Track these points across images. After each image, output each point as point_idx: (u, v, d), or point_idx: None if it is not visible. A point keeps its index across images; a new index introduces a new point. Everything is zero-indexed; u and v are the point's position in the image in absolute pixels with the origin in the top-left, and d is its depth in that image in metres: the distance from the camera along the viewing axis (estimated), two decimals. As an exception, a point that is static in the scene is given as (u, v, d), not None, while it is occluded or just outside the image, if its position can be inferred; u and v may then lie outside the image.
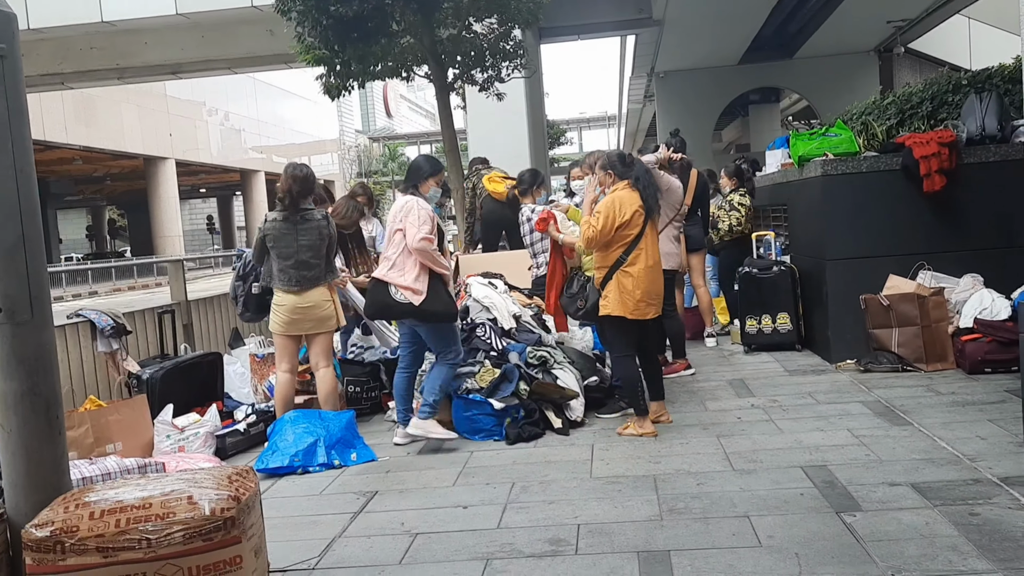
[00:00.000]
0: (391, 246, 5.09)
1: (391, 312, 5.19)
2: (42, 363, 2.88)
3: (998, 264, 6.13)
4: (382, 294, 5.01)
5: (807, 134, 7.10)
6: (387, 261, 5.07)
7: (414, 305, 4.93)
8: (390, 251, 5.08)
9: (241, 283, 6.13)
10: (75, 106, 32.10)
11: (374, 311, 5.27)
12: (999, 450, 4.16)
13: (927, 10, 19.64)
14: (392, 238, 5.09)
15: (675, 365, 6.56)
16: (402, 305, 4.96)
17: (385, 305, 5.06)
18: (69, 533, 2.56)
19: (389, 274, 5.01)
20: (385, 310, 5.17)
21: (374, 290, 5.09)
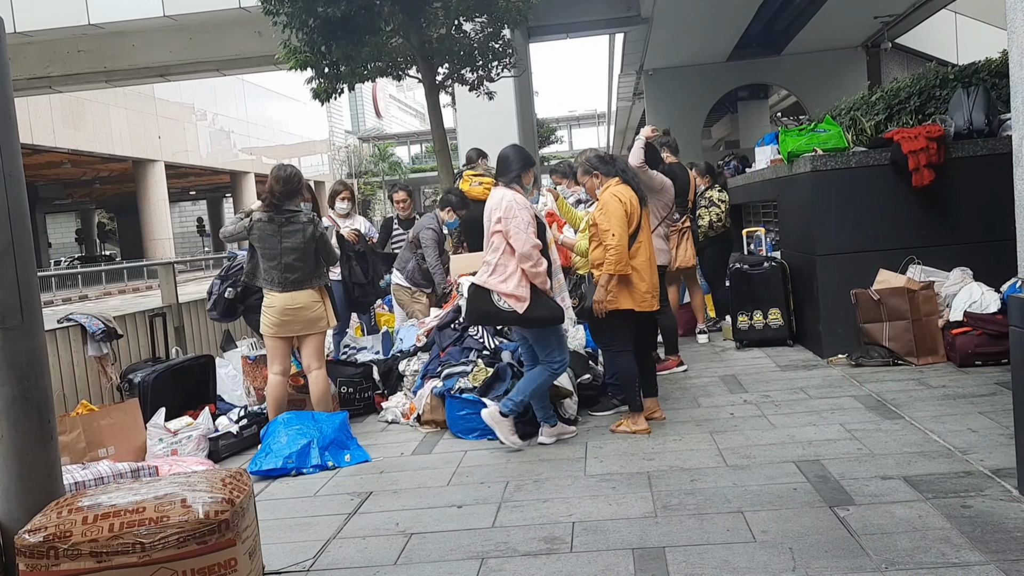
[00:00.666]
0: (488, 249, 4.86)
1: (493, 320, 4.99)
2: (33, 368, 2.87)
3: (987, 257, 6.16)
4: (484, 301, 4.77)
5: (796, 130, 7.12)
6: (487, 265, 4.81)
7: (518, 313, 4.73)
8: (489, 255, 4.83)
9: (219, 283, 6.16)
10: (63, 109, 31.94)
11: (475, 318, 5.04)
12: (990, 442, 4.19)
13: (914, 5, 19.72)
14: (490, 240, 4.84)
15: (667, 362, 6.57)
16: (505, 313, 4.75)
17: (487, 313, 4.83)
18: (62, 538, 2.56)
19: (490, 280, 4.78)
20: (487, 318, 4.95)
21: (475, 296, 4.84)
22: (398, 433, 5.57)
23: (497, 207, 4.81)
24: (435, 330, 6.38)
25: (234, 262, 6.22)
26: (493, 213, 4.82)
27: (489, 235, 4.83)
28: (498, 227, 4.77)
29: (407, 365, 6.35)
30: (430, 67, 11.77)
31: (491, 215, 4.83)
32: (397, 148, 65.18)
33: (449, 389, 5.38)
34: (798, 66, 23.85)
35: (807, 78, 23.84)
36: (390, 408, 5.94)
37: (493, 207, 4.84)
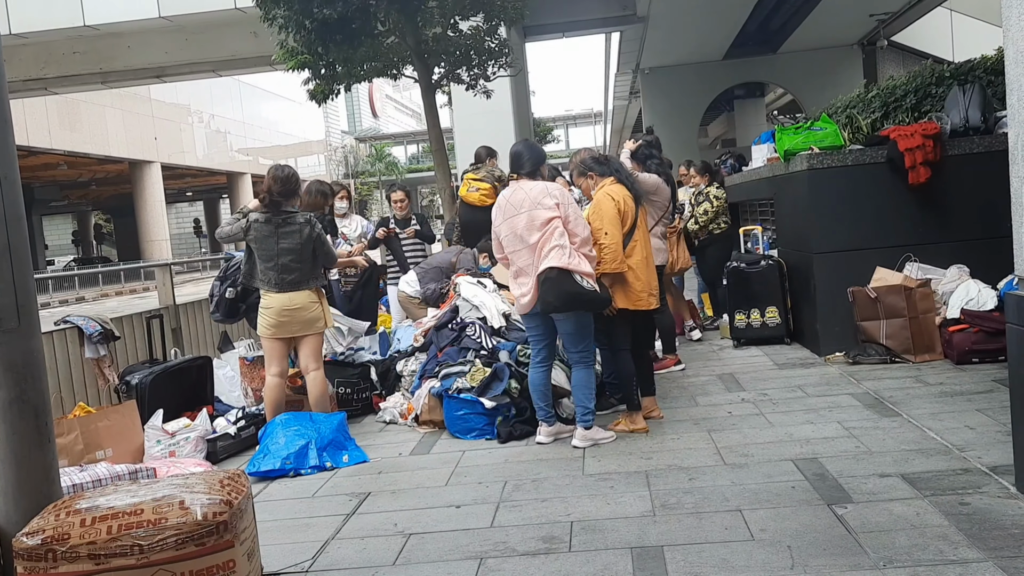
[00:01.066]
0: (553, 235, 4.69)
1: (578, 302, 4.71)
2: (30, 370, 2.86)
3: (984, 255, 6.17)
4: (571, 284, 4.62)
5: (792, 128, 7.12)
6: (560, 249, 4.66)
7: (597, 292, 4.70)
8: (557, 239, 4.68)
9: (219, 283, 6.16)
10: (59, 111, 31.91)
11: (562, 303, 4.69)
12: (988, 439, 4.19)
13: (909, 3, 19.74)
14: (547, 224, 4.70)
15: (665, 361, 6.57)
16: (590, 294, 4.65)
17: (574, 295, 4.64)
18: (60, 541, 2.55)
19: (571, 262, 4.64)
20: (573, 300, 4.68)
21: (559, 280, 4.62)
22: (396, 433, 5.57)
23: (547, 194, 4.77)
24: (432, 330, 6.38)
25: (232, 262, 6.21)
26: (543, 200, 4.74)
27: (542, 223, 4.71)
28: (556, 212, 4.71)
29: (405, 365, 6.34)
30: (426, 67, 11.77)
31: (539, 202, 4.74)
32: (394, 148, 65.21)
33: (447, 389, 5.38)
34: (794, 64, 23.88)
35: (803, 76, 23.87)
36: (388, 408, 5.94)
37: (541, 193, 4.77)
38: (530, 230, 4.75)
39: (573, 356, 4.96)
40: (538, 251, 4.72)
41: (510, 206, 4.87)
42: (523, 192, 4.84)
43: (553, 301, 4.67)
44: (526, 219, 4.77)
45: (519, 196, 4.85)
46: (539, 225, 4.73)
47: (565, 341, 4.99)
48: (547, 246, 4.69)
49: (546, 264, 4.66)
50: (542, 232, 4.72)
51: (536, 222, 4.74)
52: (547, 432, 4.96)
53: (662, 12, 18.30)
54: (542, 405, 4.98)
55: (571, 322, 4.83)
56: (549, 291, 4.65)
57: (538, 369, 5.01)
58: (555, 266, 4.64)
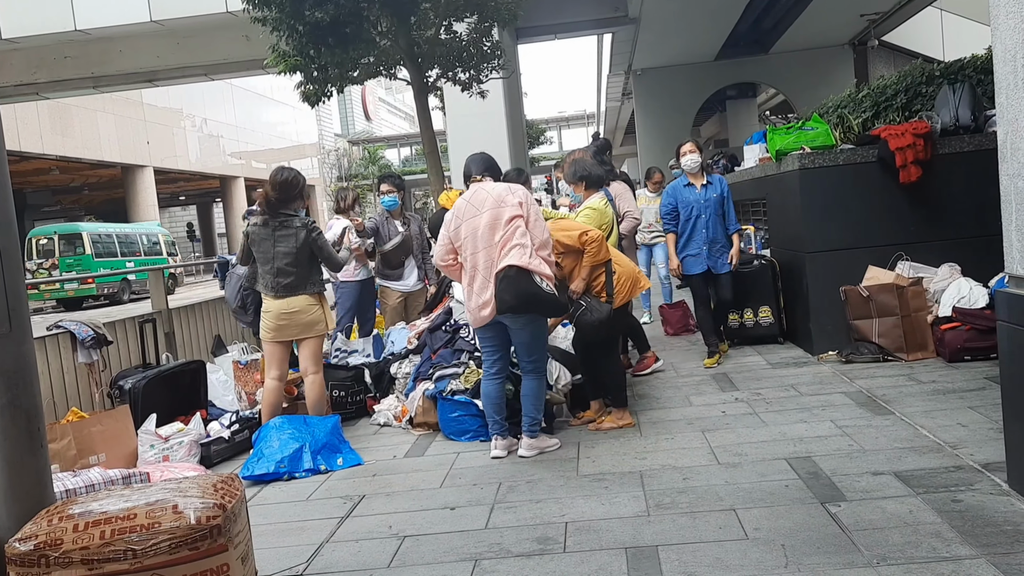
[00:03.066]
0: (515, 234, 4.58)
1: (536, 304, 4.55)
2: (22, 375, 2.85)
3: (975, 253, 6.19)
4: (528, 283, 4.48)
5: (784, 128, 7.14)
6: (521, 248, 4.54)
7: (556, 296, 4.58)
8: (518, 238, 4.57)
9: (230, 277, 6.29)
10: (51, 116, 31.79)
11: (519, 303, 4.51)
12: (980, 437, 4.21)
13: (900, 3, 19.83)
14: (510, 223, 4.60)
15: (645, 361, 6.58)
16: (547, 296, 4.51)
17: (532, 296, 4.49)
18: (53, 546, 2.54)
19: (531, 262, 4.52)
20: (531, 301, 4.52)
21: (518, 279, 4.48)
22: (390, 436, 5.57)
23: (510, 193, 4.71)
24: (426, 332, 6.38)
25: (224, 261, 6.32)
26: (506, 198, 4.67)
27: (505, 221, 4.61)
28: (519, 211, 4.63)
29: (399, 368, 6.34)
30: (419, 69, 11.77)
31: (503, 200, 4.67)
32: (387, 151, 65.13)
33: (441, 391, 5.38)
34: (786, 64, 23.97)
35: (795, 76, 23.96)
36: (382, 411, 5.94)
37: (504, 193, 4.70)
38: (493, 229, 4.64)
39: (526, 366, 4.82)
40: (499, 249, 4.61)
41: (470, 207, 4.75)
42: (485, 192, 4.76)
43: (510, 300, 4.51)
44: (489, 217, 4.66)
45: (480, 196, 4.75)
46: (503, 223, 4.62)
47: (519, 350, 4.84)
48: (508, 244, 4.58)
49: (505, 262, 4.54)
50: (504, 231, 4.61)
51: (500, 220, 4.63)
52: (502, 445, 4.83)
53: (654, 13, 18.34)
54: (496, 418, 4.85)
55: (527, 331, 4.72)
56: (507, 289, 4.50)
57: (493, 381, 4.87)
58: (515, 264, 4.52)
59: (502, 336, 4.81)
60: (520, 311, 4.59)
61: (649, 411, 5.43)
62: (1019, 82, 3.20)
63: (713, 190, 6.71)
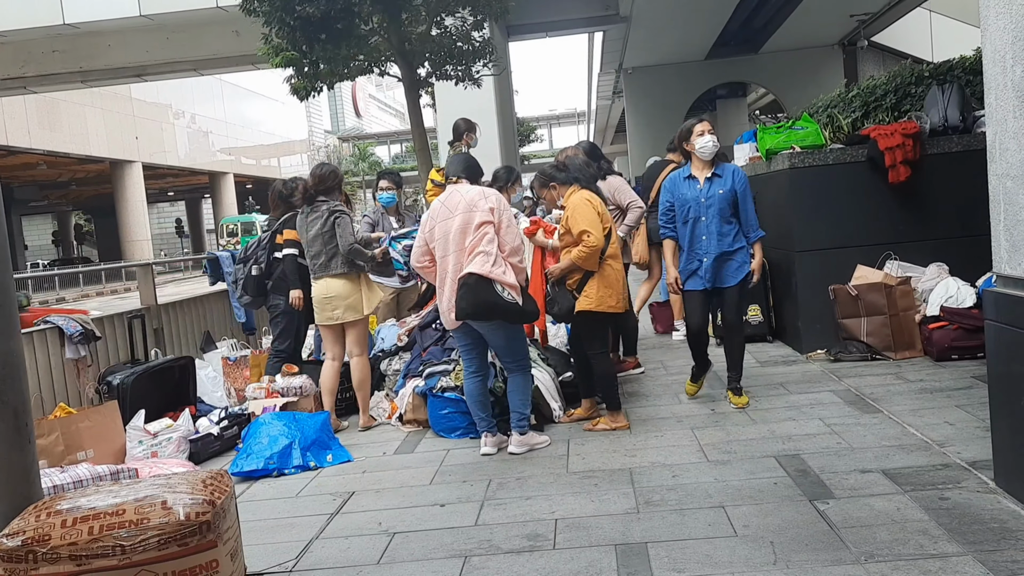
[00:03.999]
0: (482, 240, 4.58)
1: (496, 312, 4.55)
2: (9, 371, 2.84)
3: (963, 252, 6.22)
4: (488, 292, 4.48)
5: (774, 128, 7.16)
6: (485, 256, 4.54)
7: (519, 305, 4.57)
8: (484, 245, 4.57)
9: (242, 266, 6.40)
10: (38, 110, 31.61)
11: (476, 311, 4.53)
12: (967, 435, 4.24)
13: (889, 3, 19.93)
14: (479, 229, 4.60)
15: (625, 363, 6.56)
16: (508, 304, 4.51)
17: (491, 305, 4.50)
18: (41, 542, 2.53)
19: (494, 270, 4.52)
20: (490, 310, 4.53)
21: (477, 287, 4.48)
22: (380, 433, 5.56)
23: (483, 197, 4.70)
24: (416, 330, 6.38)
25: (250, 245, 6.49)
26: (479, 203, 4.65)
27: (475, 226, 4.60)
28: (490, 218, 4.62)
29: (388, 365, 6.33)
30: (410, 66, 11.76)
31: (475, 205, 4.65)
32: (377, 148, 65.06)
33: (431, 388, 5.37)
34: (776, 64, 24.06)
35: (785, 76, 24.05)
36: (372, 407, 5.92)
37: (477, 198, 4.69)
38: (464, 233, 4.64)
39: (508, 365, 4.83)
40: (467, 254, 4.61)
41: (444, 209, 4.75)
42: (459, 195, 4.75)
43: (467, 308, 4.52)
44: (460, 221, 4.66)
45: (455, 199, 4.75)
46: (473, 228, 4.61)
47: (497, 352, 4.87)
48: (475, 251, 4.58)
49: (467, 269, 4.54)
50: (474, 236, 4.61)
51: (470, 225, 4.63)
52: (492, 442, 4.82)
53: (645, 12, 18.37)
54: (482, 415, 4.85)
55: (499, 335, 4.71)
56: (464, 297, 4.51)
57: (473, 380, 4.87)
58: (475, 272, 4.52)
59: (474, 336, 4.80)
60: (478, 319, 4.62)
61: (639, 409, 5.44)
62: (1008, 83, 3.22)
63: (720, 184, 5.20)
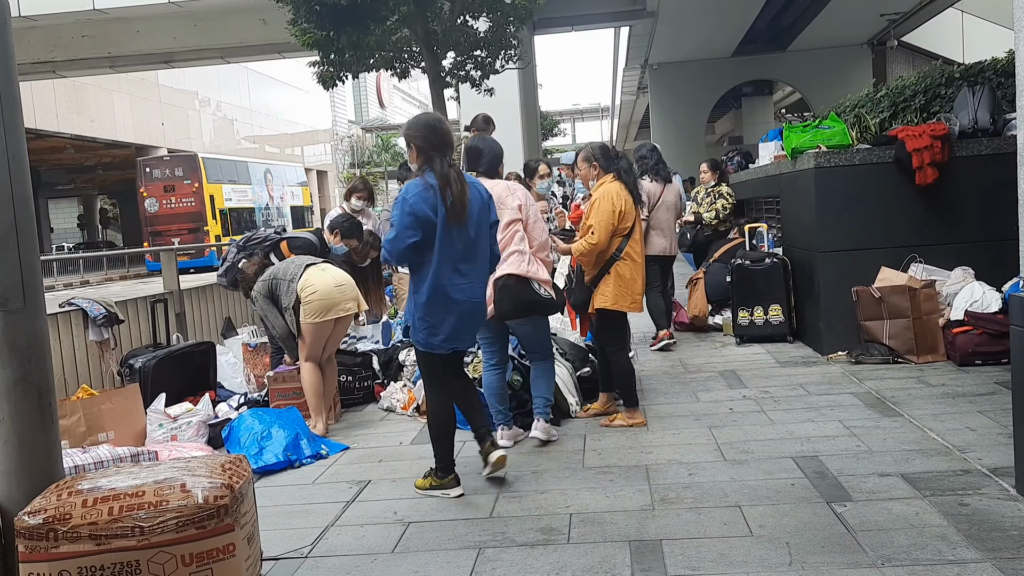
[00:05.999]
0: (513, 239, 4.55)
1: (536, 310, 4.61)
2: (35, 351, 2.87)
3: (989, 257, 6.15)
4: (526, 291, 4.49)
5: (800, 126, 7.11)
6: (520, 255, 4.54)
7: (553, 299, 4.60)
8: (516, 244, 4.56)
9: (235, 251, 6.44)
10: (67, 95, 31.91)
11: (517, 311, 4.54)
12: (989, 441, 4.19)
13: (920, 3, 19.70)
14: (509, 227, 4.55)
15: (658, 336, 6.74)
16: (545, 300, 4.54)
17: (530, 303, 4.51)
18: (62, 520, 2.56)
19: (530, 269, 4.53)
20: (531, 308, 4.56)
21: (517, 288, 4.48)
22: (397, 423, 5.58)
23: (510, 193, 4.65)
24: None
25: (253, 236, 6.38)
26: (506, 200, 4.59)
27: (504, 224, 4.49)
28: (518, 215, 4.59)
29: (407, 355, 6.35)
30: (435, 58, 11.77)
31: (503, 202, 4.55)
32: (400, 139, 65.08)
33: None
34: (803, 63, 23.85)
35: (812, 75, 23.83)
36: (386, 396, 5.95)
37: (504, 192, 4.61)
38: None
39: (535, 355, 4.85)
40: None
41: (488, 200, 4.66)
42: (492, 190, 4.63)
43: (509, 310, 4.52)
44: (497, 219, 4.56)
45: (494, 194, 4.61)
46: (501, 227, 4.50)
47: (523, 342, 4.87)
48: (507, 250, 4.52)
49: (504, 270, 4.49)
50: (503, 234, 4.53)
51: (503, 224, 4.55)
52: (507, 436, 4.80)
53: (672, 8, 18.26)
54: (500, 408, 4.83)
55: (529, 328, 4.75)
56: (505, 299, 4.47)
57: (494, 372, 4.83)
58: (513, 273, 4.50)
59: (499, 329, 4.80)
60: (518, 318, 4.64)
61: (656, 406, 5.43)
62: (1041, 85, 3.18)
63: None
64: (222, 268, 6.39)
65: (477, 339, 4.94)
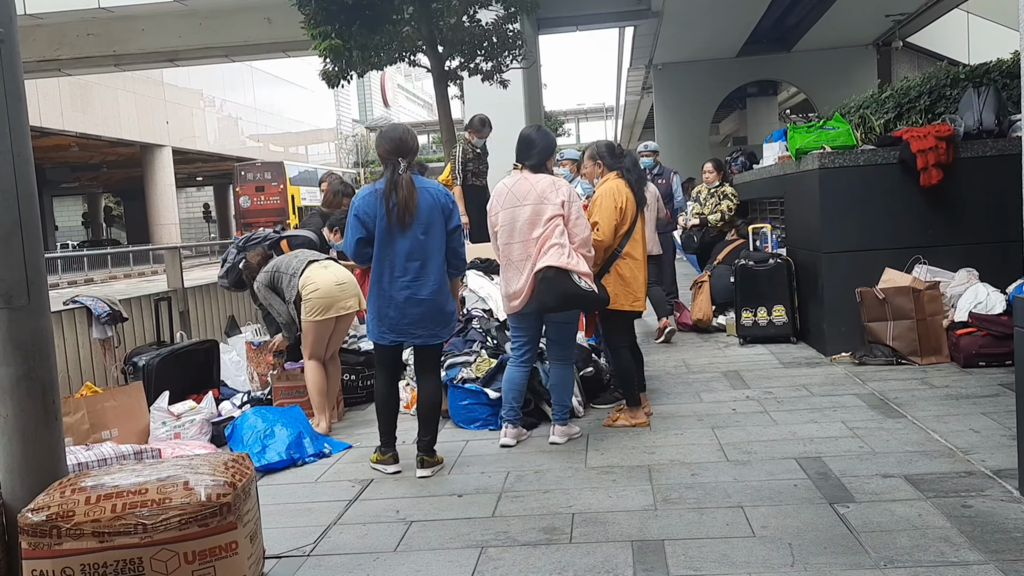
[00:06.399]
0: (554, 233, 4.55)
1: (577, 303, 4.60)
2: (38, 348, 2.88)
3: (993, 258, 6.14)
4: (567, 283, 4.47)
5: (805, 127, 7.10)
6: (560, 248, 4.52)
7: (595, 292, 4.58)
8: (557, 237, 4.55)
9: (235, 251, 6.45)
10: (72, 93, 31.97)
11: (559, 303, 4.53)
12: (992, 443, 4.18)
13: (925, 4, 19.66)
14: (550, 222, 4.55)
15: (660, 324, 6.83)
16: (586, 293, 4.51)
17: (571, 295, 4.49)
18: (65, 518, 2.57)
19: (570, 261, 4.51)
20: (573, 301, 4.55)
21: (557, 279, 4.47)
22: (400, 422, 5.53)
23: (554, 189, 4.64)
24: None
25: (252, 236, 6.41)
26: (550, 196, 4.59)
27: (546, 219, 4.55)
28: (560, 211, 4.58)
29: (409, 354, 6.34)
30: (439, 57, 11.77)
31: (546, 197, 4.59)
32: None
33: (452, 379, 5.39)
34: (808, 63, 23.82)
35: (817, 75, 23.80)
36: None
37: (548, 190, 4.61)
38: (533, 225, 4.60)
39: (556, 353, 4.86)
40: (538, 247, 4.59)
41: (512, 196, 4.69)
42: (528, 184, 4.68)
43: (550, 302, 4.52)
44: (530, 212, 4.61)
45: (523, 187, 4.68)
46: (543, 221, 4.57)
47: (552, 337, 4.87)
48: (547, 244, 4.55)
49: (544, 262, 4.51)
50: (544, 228, 4.57)
51: (541, 217, 4.59)
52: (512, 434, 4.82)
53: (677, 7, 18.24)
54: (515, 405, 4.84)
55: (563, 324, 4.80)
56: (546, 291, 4.49)
57: (521, 368, 4.85)
58: (553, 265, 4.49)
59: (535, 325, 4.84)
60: (559, 311, 4.65)
61: (659, 406, 5.42)
62: (1046, 86, 3.17)
63: None
64: (223, 269, 6.41)
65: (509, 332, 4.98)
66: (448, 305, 4.47)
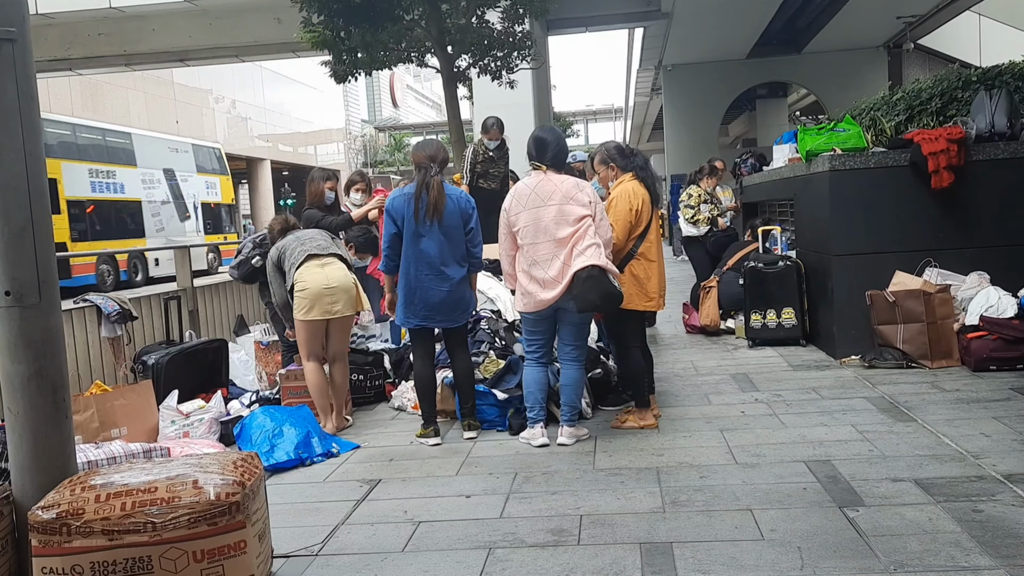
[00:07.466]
0: (588, 234, 4.58)
1: (615, 303, 4.62)
2: (49, 347, 2.89)
3: (1005, 262, 6.11)
4: (608, 284, 4.52)
5: (815, 129, 7.07)
6: (597, 247, 4.56)
7: (622, 294, 4.65)
8: (591, 237, 4.58)
9: (251, 246, 6.40)
10: (82, 92, 32.10)
11: (603, 302, 4.57)
12: (1003, 447, 4.16)
13: (937, 6, 19.57)
14: (580, 221, 4.58)
15: None
16: (620, 295, 4.58)
17: (611, 295, 4.53)
18: (75, 515, 2.58)
19: (607, 263, 4.57)
20: (609, 301, 4.57)
21: (600, 280, 4.49)
22: (408, 422, 5.58)
23: (580, 190, 4.66)
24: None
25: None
26: (576, 196, 4.62)
27: (575, 219, 4.58)
28: (588, 211, 4.61)
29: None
30: (448, 58, 11.78)
31: (572, 197, 4.61)
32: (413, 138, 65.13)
33: (460, 380, 5.38)
34: (818, 65, 23.74)
35: (827, 77, 23.72)
36: (397, 395, 5.95)
37: (573, 190, 4.64)
38: (559, 224, 4.60)
39: (570, 352, 4.86)
40: (569, 247, 4.58)
41: (535, 196, 4.69)
42: (552, 184, 4.68)
43: (596, 300, 4.52)
44: (556, 212, 4.61)
45: (547, 187, 4.68)
46: (572, 220, 4.58)
47: (567, 337, 4.86)
48: (582, 243, 4.56)
49: (588, 261, 4.52)
50: (575, 228, 4.58)
51: (569, 217, 4.60)
52: (546, 433, 4.83)
53: (686, 9, 18.21)
54: (541, 403, 4.86)
55: (580, 318, 4.79)
56: (592, 290, 4.49)
57: (539, 367, 4.90)
58: (598, 264, 4.51)
59: (552, 327, 4.87)
60: (602, 310, 4.80)
61: (668, 408, 5.41)
62: (1060, 89, 3.15)
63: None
64: (235, 260, 6.42)
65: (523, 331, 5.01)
66: (467, 295, 5.07)
